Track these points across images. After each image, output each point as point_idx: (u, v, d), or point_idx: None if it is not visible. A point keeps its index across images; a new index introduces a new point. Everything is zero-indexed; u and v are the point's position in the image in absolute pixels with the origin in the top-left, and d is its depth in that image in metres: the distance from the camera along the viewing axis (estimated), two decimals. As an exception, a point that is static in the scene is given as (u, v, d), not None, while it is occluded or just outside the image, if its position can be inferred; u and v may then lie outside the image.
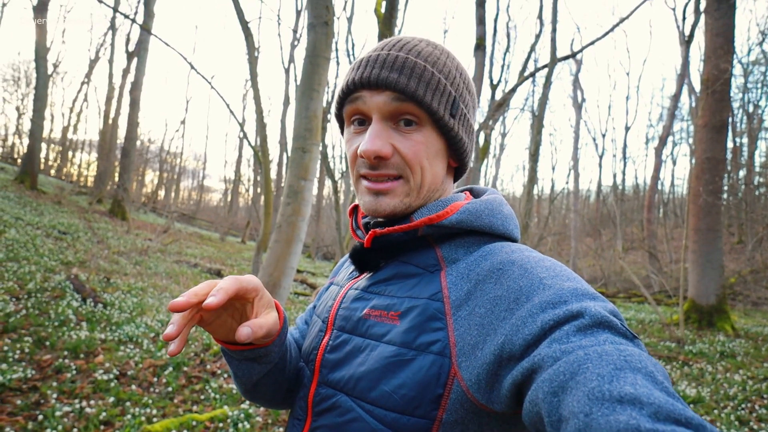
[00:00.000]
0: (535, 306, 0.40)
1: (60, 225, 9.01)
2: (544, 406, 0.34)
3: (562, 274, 0.44)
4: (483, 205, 0.54)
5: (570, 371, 0.33)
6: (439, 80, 0.51)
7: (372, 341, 0.51)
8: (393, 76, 0.50)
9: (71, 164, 28.96)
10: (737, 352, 5.28)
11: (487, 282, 0.46)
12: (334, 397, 0.51)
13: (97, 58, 21.71)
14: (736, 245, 17.51)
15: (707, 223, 6.86)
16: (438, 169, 0.55)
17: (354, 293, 0.58)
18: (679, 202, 26.51)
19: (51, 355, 3.27)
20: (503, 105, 13.64)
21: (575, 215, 20.57)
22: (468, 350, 0.44)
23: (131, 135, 14.17)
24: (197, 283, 8.16)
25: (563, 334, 0.37)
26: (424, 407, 0.44)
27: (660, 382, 0.31)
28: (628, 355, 0.33)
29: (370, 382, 0.48)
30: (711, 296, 6.71)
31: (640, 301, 11.60)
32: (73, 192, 15.45)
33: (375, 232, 0.55)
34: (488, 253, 0.50)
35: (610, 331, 0.36)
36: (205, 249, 13.81)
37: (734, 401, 3.62)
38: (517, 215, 10.11)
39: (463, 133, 0.55)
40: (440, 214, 0.52)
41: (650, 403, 0.28)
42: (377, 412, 0.46)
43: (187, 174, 41.10)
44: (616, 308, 0.40)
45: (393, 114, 0.51)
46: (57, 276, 5.39)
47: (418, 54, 0.52)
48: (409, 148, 0.52)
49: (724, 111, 6.96)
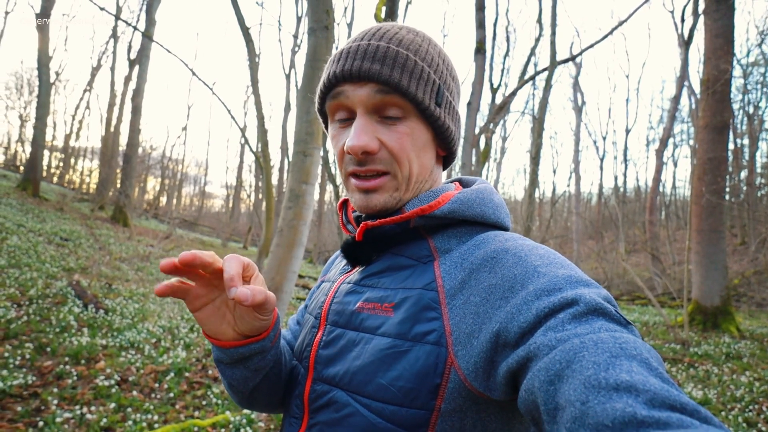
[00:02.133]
0: (530, 294, 0.40)
1: (62, 232, 9.03)
2: (540, 394, 0.34)
3: (556, 261, 0.44)
4: (474, 195, 0.53)
5: (566, 359, 0.33)
6: (422, 69, 0.50)
7: (366, 334, 0.50)
8: (375, 68, 0.48)
9: (73, 171, 29.09)
10: (743, 353, 5.24)
11: (481, 270, 0.46)
12: (330, 393, 0.50)
13: (99, 65, 21.86)
14: (739, 246, 17.42)
15: (710, 224, 6.83)
16: (426, 160, 0.54)
17: (347, 287, 0.57)
18: (681, 204, 26.45)
19: (52, 361, 3.26)
20: (504, 108, 13.67)
21: (577, 218, 20.55)
22: (464, 339, 0.44)
23: (133, 142, 14.23)
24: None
25: (558, 322, 0.36)
26: (422, 398, 0.44)
27: (655, 368, 0.31)
28: (623, 342, 0.33)
29: (366, 375, 0.47)
30: (715, 297, 6.66)
31: (643, 303, 11.53)
32: (75, 199, 15.49)
33: (367, 224, 0.54)
34: (481, 242, 0.50)
35: (605, 318, 0.36)
36: (206, 255, 13.80)
37: (741, 403, 3.58)
38: (519, 218, 10.12)
39: (449, 122, 0.54)
40: (432, 204, 0.52)
41: (646, 390, 0.29)
42: (375, 405, 0.46)
43: (189, 180, 41.25)
44: (609, 294, 0.40)
45: (377, 107, 0.50)
46: (59, 282, 5.38)
47: (400, 42, 0.51)
48: (395, 140, 0.51)
49: (724, 111, 6.95)
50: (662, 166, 18.79)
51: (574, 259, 18.64)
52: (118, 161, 15.97)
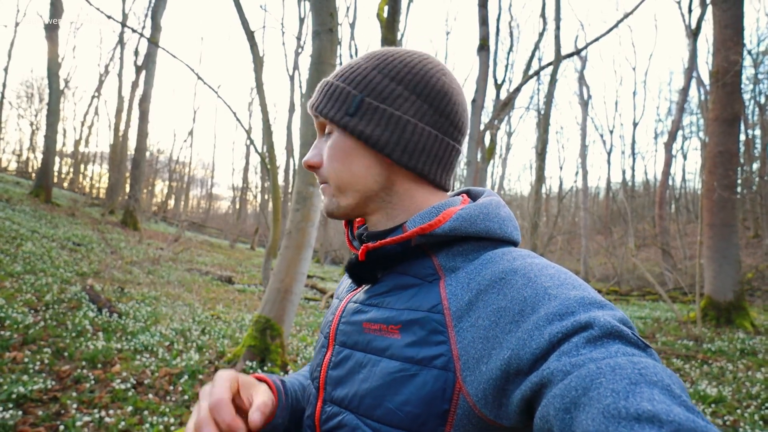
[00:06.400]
0: (541, 318, 0.39)
1: (74, 237, 9.17)
2: (556, 422, 0.32)
3: (567, 282, 0.43)
4: (477, 210, 0.52)
5: (582, 386, 0.32)
6: (339, 89, 0.55)
7: (374, 356, 0.50)
8: (314, 100, 0.58)
9: (84, 177, 29.53)
10: (758, 349, 5.16)
11: (489, 292, 0.45)
12: (340, 416, 0.51)
13: (107, 72, 22.17)
14: (752, 239, 17.14)
15: (722, 218, 6.74)
16: (357, 168, 0.55)
17: (353, 306, 0.57)
18: (692, 197, 26.08)
19: (70, 365, 3.32)
20: (508, 104, 13.59)
21: (585, 213, 20.36)
22: (472, 364, 0.43)
23: (141, 146, 14.40)
24: (209, 291, 8.24)
25: (572, 347, 0.35)
26: (430, 424, 0.44)
27: (678, 396, 0.30)
28: (642, 367, 0.32)
29: (375, 399, 0.47)
30: (728, 292, 6.57)
31: (654, 299, 11.42)
32: (86, 204, 15.73)
33: (367, 246, 0.54)
34: (489, 261, 0.49)
35: (622, 342, 0.35)
36: (215, 256, 13.94)
37: (757, 400, 3.54)
38: (526, 214, 10.06)
39: (372, 126, 0.53)
40: (432, 223, 0.51)
41: (670, 421, 0.27)
42: (384, 430, 0.46)
43: (196, 183, 41.65)
44: (626, 316, 0.39)
45: (321, 128, 0.59)
46: (73, 287, 5.48)
47: (340, 74, 0.57)
48: (324, 152, 0.58)
49: (735, 103, 6.84)
50: (671, 159, 18.55)
51: (582, 254, 18.48)
52: (127, 165, 16.17)
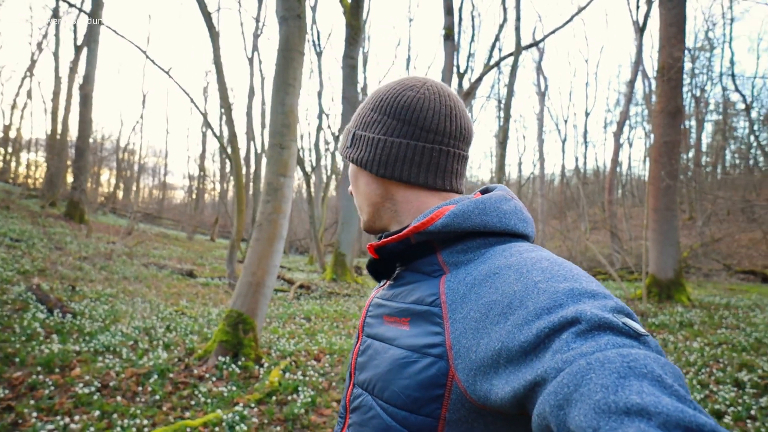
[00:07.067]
0: (529, 313, 0.40)
1: (11, 232, 8.41)
2: (552, 419, 0.33)
3: (558, 274, 0.43)
4: (473, 205, 0.54)
5: (573, 383, 0.32)
6: (346, 130, 0.68)
7: (387, 345, 0.56)
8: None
9: (17, 165, 26.85)
10: (694, 321, 5.72)
11: (482, 286, 0.47)
12: (361, 397, 0.57)
13: (40, 49, 20.07)
14: (687, 221, 18.79)
15: (665, 203, 7.33)
16: (362, 187, 0.65)
17: (377, 301, 0.64)
18: (637, 183, 28.02)
19: (22, 371, 3.09)
20: (471, 94, 13.82)
21: (542, 199, 21.34)
22: (464, 353, 0.45)
23: (84, 133, 13.30)
24: (170, 286, 7.87)
25: (563, 343, 0.36)
26: (428, 406, 0.48)
27: (669, 385, 0.30)
28: (631, 360, 0.32)
29: (384, 382, 0.53)
30: (669, 271, 7.20)
31: (604, 278, 12.27)
32: (22, 196, 14.38)
33: (372, 245, 0.61)
34: (490, 257, 0.50)
35: (612, 333, 0.35)
36: (173, 249, 13.28)
37: (694, 367, 3.94)
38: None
39: (359, 151, 0.63)
40: (425, 221, 0.54)
41: (658, 413, 0.28)
42: (390, 410, 0.51)
43: (147, 171, 39.17)
44: (622, 304, 0.39)
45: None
46: (16, 287, 5.05)
47: (352, 118, 0.68)
48: None
49: (678, 97, 7.39)
50: (619, 147, 19.78)
51: (539, 239, 19.42)
52: (68, 153, 14.90)
